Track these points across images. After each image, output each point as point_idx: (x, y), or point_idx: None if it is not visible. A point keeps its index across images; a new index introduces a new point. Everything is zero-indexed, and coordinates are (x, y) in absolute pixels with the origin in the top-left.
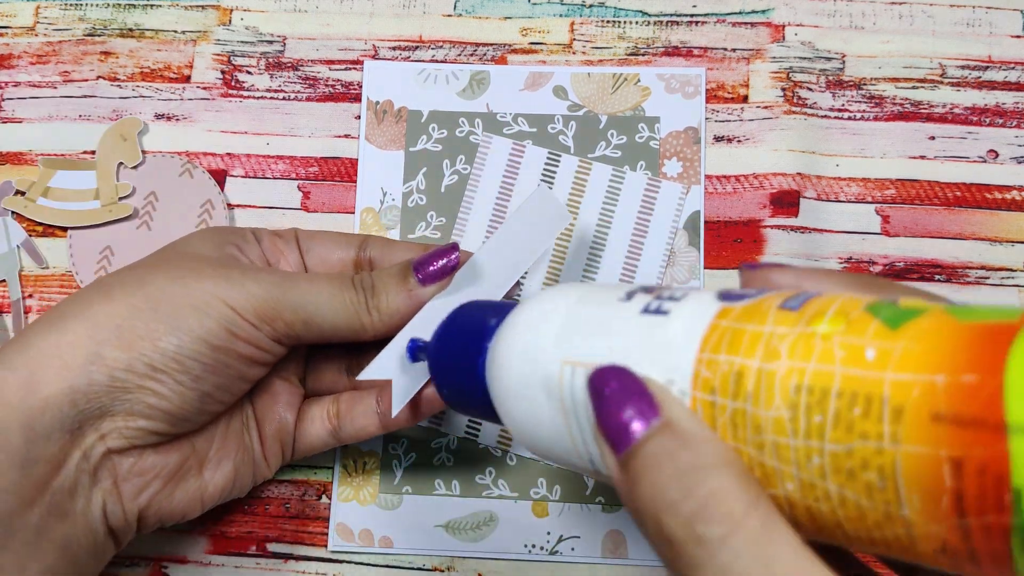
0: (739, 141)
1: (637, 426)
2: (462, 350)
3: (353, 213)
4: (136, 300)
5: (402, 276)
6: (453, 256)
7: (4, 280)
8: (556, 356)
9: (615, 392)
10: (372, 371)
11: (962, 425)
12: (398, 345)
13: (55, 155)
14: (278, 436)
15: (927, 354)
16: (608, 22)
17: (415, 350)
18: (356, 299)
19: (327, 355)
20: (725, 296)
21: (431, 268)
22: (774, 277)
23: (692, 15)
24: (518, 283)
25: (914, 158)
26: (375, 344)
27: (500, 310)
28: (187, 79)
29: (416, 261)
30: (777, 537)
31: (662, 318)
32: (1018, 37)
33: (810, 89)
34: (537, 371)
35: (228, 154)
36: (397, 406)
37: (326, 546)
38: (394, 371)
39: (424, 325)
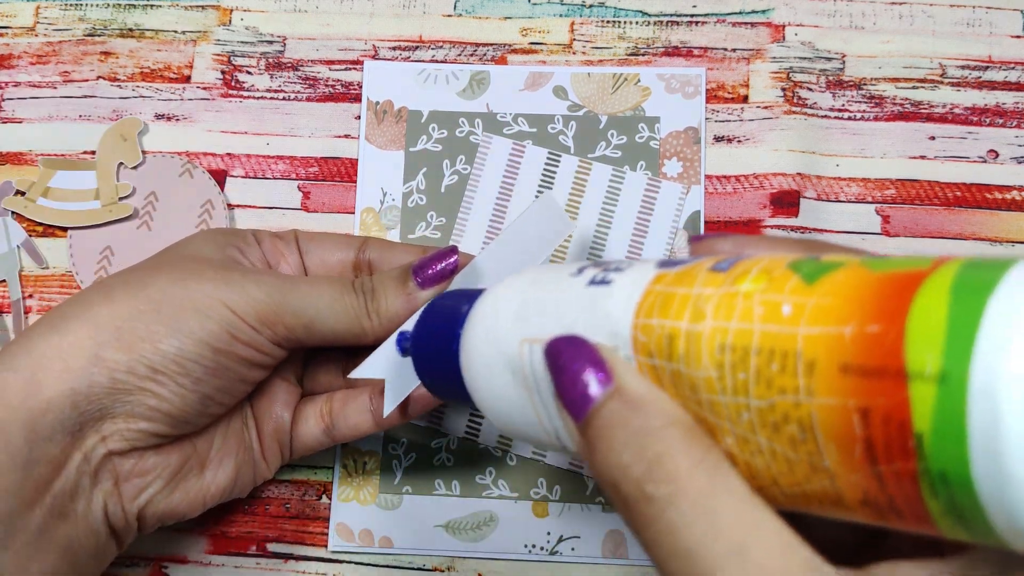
0: (739, 141)
1: (592, 393)
2: (438, 338)
3: (353, 213)
4: (137, 302)
5: (401, 280)
6: (452, 260)
7: (4, 280)
8: (515, 335)
9: (569, 361)
10: (364, 370)
11: (867, 375)
12: (390, 345)
13: (55, 155)
14: (276, 436)
15: (837, 306)
16: (608, 22)
17: (402, 342)
18: (357, 303)
19: (324, 355)
20: (664, 264)
21: (430, 272)
22: (718, 245)
23: (692, 15)
24: None
25: (914, 158)
26: (373, 345)
27: (471, 297)
28: (187, 79)
29: (415, 265)
30: (722, 490)
31: (605, 288)
32: (1018, 37)
33: (810, 89)
34: (500, 352)
35: (228, 154)
36: (389, 405)
37: (326, 546)
38: (386, 370)
39: None
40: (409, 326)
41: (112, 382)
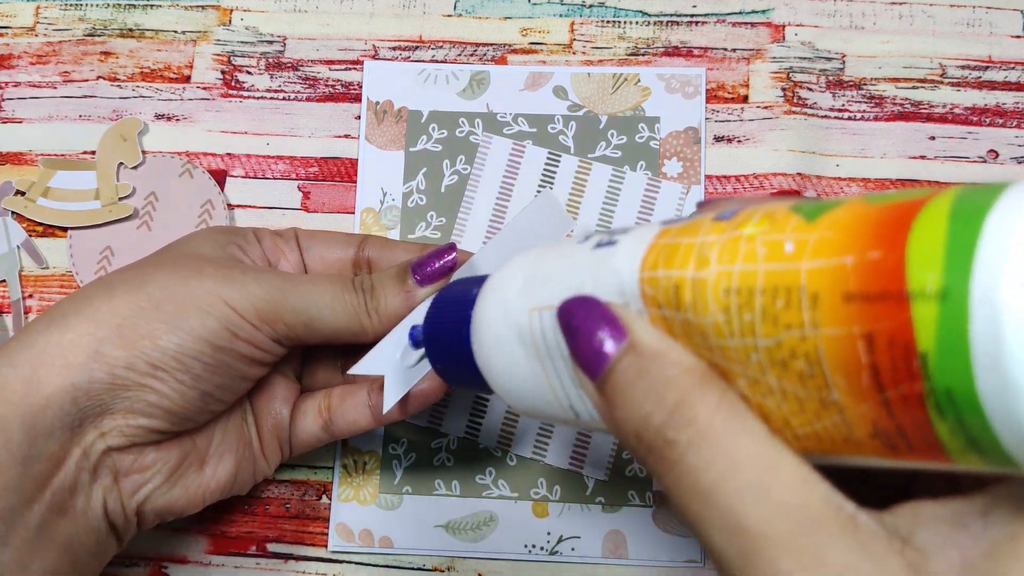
0: (739, 141)
1: (607, 349)
2: (449, 322)
3: (353, 213)
4: (138, 298)
5: (400, 278)
6: (450, 257)
7: (4, 280)
8: (524, 306)
9: (583, 321)
10: (363, 366)
11: (869, 300)
12: (390, 341)
13: (55, 155)
14: (275, 432)
15: (839, 239)
16: (608, 22)
17: (415, 335)
18: (356, 301)
19: (322, 351)
20: (668, 221)
21: (429, 269)
22: (723, 206)
23: (692, 15)
24: None
25: (914, 158)
26: (373, 343)
27: (480, 282)
28: (187, 79)
29: (414, 263)
30: (740, 432)
31: (611, 248)
32: (1018, 37)
33: (810, 89)
34: (510, 325)
35: (228, 154)
36: (389, 402)
37: (326, 546)
38: (386, 367)
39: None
40: (420, 320)
41: (112, 378)
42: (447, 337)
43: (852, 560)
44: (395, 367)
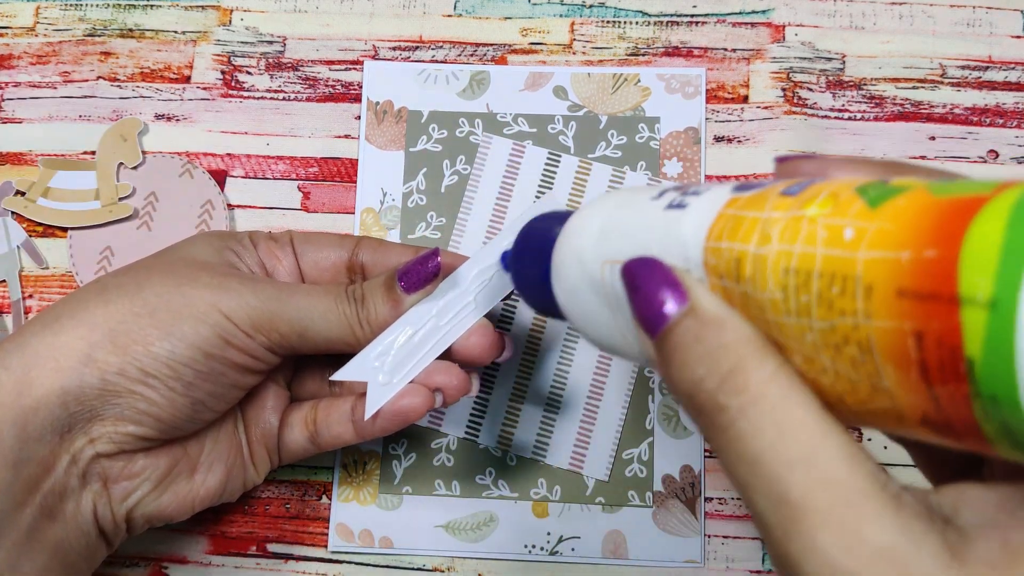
0: (739, 141)
1: (667, 311)
2: (532, 259)
3: (353, 213)
4: (132, 304)
5: (388, 286)
6: (433, 263)
7: (4, 280)
8: (597, 257)
9: (645, 280)
10: (347, 372)
11: (921, 299)
12: (374, 348)
13: (55, 155)
14: (263, 441)
15: (897, 231)
16: (608, 22)
17: (505, 259)
18: (350, 312)
19: (312, 362)
20: (739, 188)
21: (415, 276)
22: (802, 166)
23: (692, 15)
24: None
25: (914, 158)
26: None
27: (563, 219)
28: (187, 79)
29: (400, 270)
30: (793, 403)
31: (681, 212)
32: (1018, 37)
33: (810, 89)
34: (584, 272)
35: (228, 154)
36: (371, 409)
37: (326, 546)
38: (368, 373)
39: (405, 328)
40: (395, 335)
41: (103, 383)
42: (531, 275)
43: (890, 538)
44: (376, 376)
